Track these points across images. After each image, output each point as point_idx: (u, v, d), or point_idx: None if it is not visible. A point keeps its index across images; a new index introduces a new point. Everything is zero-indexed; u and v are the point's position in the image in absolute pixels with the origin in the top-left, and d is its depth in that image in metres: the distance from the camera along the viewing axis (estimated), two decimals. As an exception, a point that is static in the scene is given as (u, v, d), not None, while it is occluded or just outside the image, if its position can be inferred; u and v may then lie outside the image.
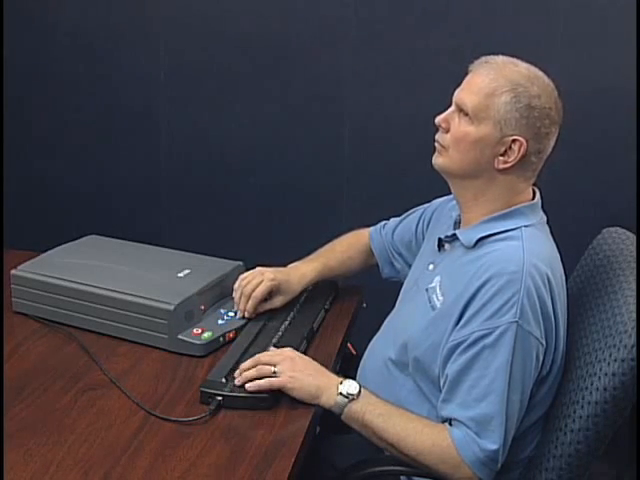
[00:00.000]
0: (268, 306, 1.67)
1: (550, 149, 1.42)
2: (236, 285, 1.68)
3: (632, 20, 2.26)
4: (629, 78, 2.30)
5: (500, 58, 1.41)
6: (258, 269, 1.69)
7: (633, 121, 2.30)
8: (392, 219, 1.82)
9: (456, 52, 2.41)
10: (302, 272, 1.73)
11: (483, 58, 1.42)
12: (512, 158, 1.37)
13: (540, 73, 1.40)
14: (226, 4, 2.56)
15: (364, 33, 2.49)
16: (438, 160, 1.44)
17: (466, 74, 1.44)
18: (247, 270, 1.75)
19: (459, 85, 1.44)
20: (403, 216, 1.79)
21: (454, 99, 1.42)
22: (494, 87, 1.36)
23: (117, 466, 1.19)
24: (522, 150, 1.36)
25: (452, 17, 2.42)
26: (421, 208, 1.75)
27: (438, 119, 1.43)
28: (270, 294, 1.67)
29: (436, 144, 1.45)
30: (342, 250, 1.81)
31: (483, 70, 1.39)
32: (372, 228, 1.84)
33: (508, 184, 1.41)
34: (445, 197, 1.66)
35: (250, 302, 1.64)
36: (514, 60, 1.41)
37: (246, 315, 1.65)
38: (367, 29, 2.48)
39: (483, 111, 1.36)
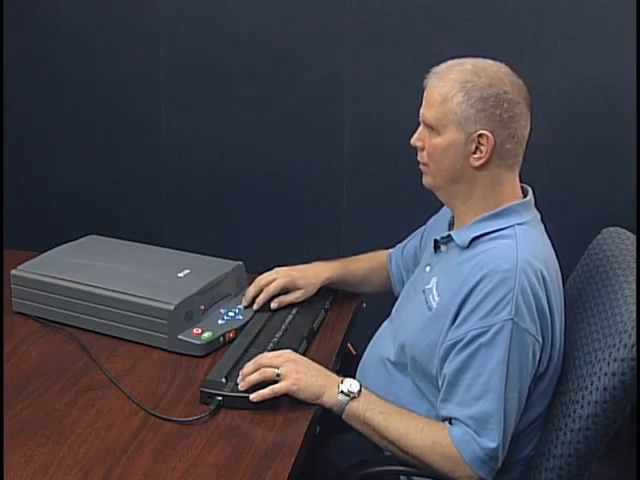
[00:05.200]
0: (289, 299, 1.70)
1: (526, 130, 1.42)
2: (253, 283, 1.72)
3: (632, 20, 2.26)
4: (629, 77, 2.30)
5: (446, 64, 1.44)
6: (275, 269, 1.74)
7: (633, 121, 2.30)
8: (405, 240, 1.83)
9: (456, 52, 2.41)
10: (320, 267, 1.76)
11: (432, 69, 1.45)
12: (484, 152, 1.38)
13: (488, 63, 1.41)
14: (226, 4, 2.56)
15: (364, 33, 2.49)
16: (425, 180, 1.48)
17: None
18: (247, 270, 1.79)
19: None
20: (412, 235, 1.81)
21: (420, 117, 1.45)
22: (445, 93, 1.38)
23: (117, 466, 1.19)
24: (491, 142, 1.37)
25: (452, 17, 2.42)
26: (425, 225, 1.76)
27: (412, 140, 1.47)
28: (287, 291, 1.70)
29: (420, 166, 1.48)
30: (365, 260, 1.83)
31: (433, 81, 1.42)
32: (392, 250, 1.85)
33: (491, 178, 1.41)
34: (442, 209, 1.67)
35: (262, 295, 1.69)
36: (460, 60, 1.43)
37: (255, 307, 1.68)
38: (367, 29, 2.48)
39: (443, 119, 1.39)
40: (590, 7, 2.34)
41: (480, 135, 1.37)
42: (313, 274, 1.74)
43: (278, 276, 1.71)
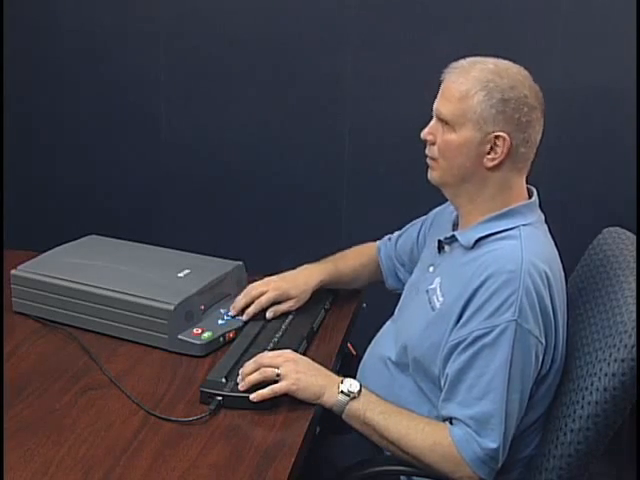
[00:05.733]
0: (283, 308, 1.67)
1: (539, 135, 1.42)
2: (243, 292, 1.68)
3: (632, 20, 2.26)
4: (629, 78, 2.30)
5: (467, 60, 1.42)
6: (266, 279, 1.71)
7: (633, 121, 2.30)
8: (396, 232, 1.82)
9: (456, 52, 2.41)
10: (310, 272, 1.74)
11: (451, 64, 1.43)
12: (499, 154, 1.38)
13: (509, 64, 1.41)
14: (226, 4, 2.57)
15: (364, 33, 2.49)
16: (432, 175, 1.46)
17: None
18: (247, 270, 1.78)
19: None
20: (405, 227, 1.80)
21: (433, 111, 1.43)
22: (465, 90, 1.37)
23: (117, 466, 1.19)
24: (507, 144, 1.37)
25: (452, 17, 2.42)
26: (421, 219, 1.76)
27: (423, 133, 1.45)
28: (280, 301, 1.68)
29: (427, 160, 1.46)
30: (353, 257, 1.82)
31: (452, 76, 1.40)
32: (379, 241, 1.85)
33: (501, 180, 1.41)
34: (444, 205, 1.66)
35: (252, 307, 1.65)
36: (480, 59, 1.42)
37: (244, 318, 1.65)
38: (367, 29, 2.49)
39: (460, 116, 1.37)
40: (590, 7, 2.34)
41: (497, 136, 1.36)
42: (304, 280, 1.71)
43: (269, 288, 1.67)
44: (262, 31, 2.55)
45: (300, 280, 1.71)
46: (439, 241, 1.51)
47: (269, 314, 1.66)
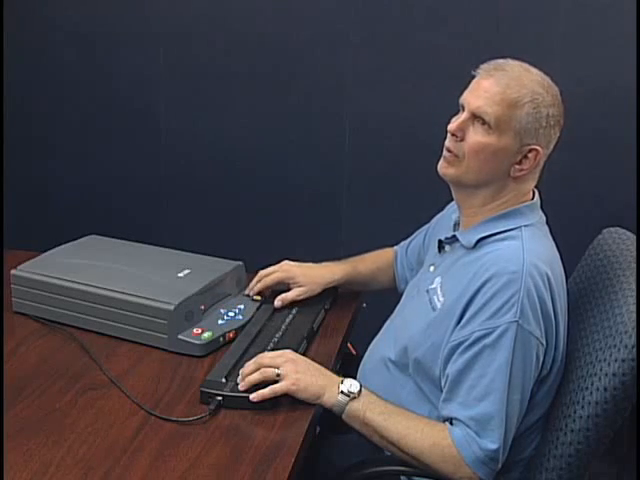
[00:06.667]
0: (291, 296, 1.70)
1: None
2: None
3: (632, 20, 2.26)
4: (629, 78, 2.30)
5: (512, 63, 1.40)
6: (283, 262, 1.76)
7: (633, 121, 2.30)
8: (410, 237, 1.83)
9: (456, 52, 2.41)
10: (329, 269, 1.76)
11: (492, 63, 1.40)
12: (527, 166, 1.38)
13: (548, 78, 1.40)
14: (226, 4, 2.56)
15: (364, 33, 2.49)
16: (449, 170, 1.41)
17: (472, 77, 1.41)
18: (247, 270, 1.79)
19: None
20: (415, 233, 1.81)
21: (468, 106, 1.38)
22: (516, 98, 1.35)
23: (117, 466, 1.19)
24: (538, 158, 1.38)
25: (453, 17, 2.42)
26: (427, 225, 1.76)
27: (453, 127, 1.39)
28: (289, 287, 1.72)
29: (447, 153, 1.41)
30: (372, 260, 1.84)
31: (500, 79, 1.36)
32: (397, 246, 1.86)
33: (518, 189, 1.42)
34: (445, 208, 1.66)
35: (258, 284, 1.73)
36: (524, 65, 1.40)
37: (251, 294, 1.73)
38: (367, 29, 2.49)
39: (506, 122, 1.35)
40: (590, 7, 2.34)
41: (531, 149, 1.37)
42: (319, 274, 1.74)
43: (279, 270, 1.73)
44: (262, 31, 2.55)
45: (315, 272, 1.74)
46: (439, 241, 1.51)
47: (277, 302, 1.69)
